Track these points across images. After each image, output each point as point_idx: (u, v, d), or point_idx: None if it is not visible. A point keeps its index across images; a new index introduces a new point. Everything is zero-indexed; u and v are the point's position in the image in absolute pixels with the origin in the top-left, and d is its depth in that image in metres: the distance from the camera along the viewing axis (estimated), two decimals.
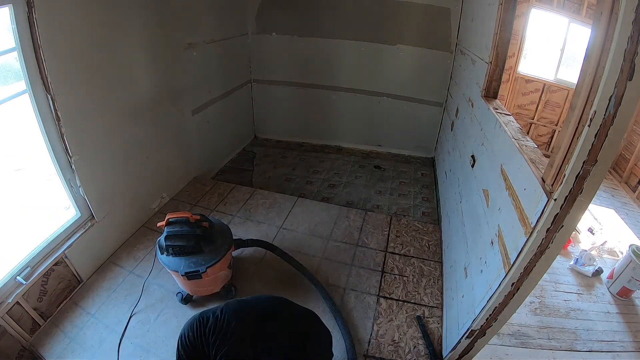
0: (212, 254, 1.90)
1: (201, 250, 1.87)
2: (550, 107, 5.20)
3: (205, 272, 1.87)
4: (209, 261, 1.88)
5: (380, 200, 3.42)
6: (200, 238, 1.87)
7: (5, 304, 1.80)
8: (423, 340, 2.03)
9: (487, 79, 2.20)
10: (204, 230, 1.89)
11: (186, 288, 2.04)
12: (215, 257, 1.90)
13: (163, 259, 1.88)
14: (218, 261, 1.91)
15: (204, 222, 1.91)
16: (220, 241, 1.97)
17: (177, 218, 1.85)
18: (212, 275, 1.93)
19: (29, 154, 2.10)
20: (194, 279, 1.88)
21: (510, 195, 1.48)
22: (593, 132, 0.94)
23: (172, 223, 1.85)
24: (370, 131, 4.37)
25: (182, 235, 1.83)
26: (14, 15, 1.65)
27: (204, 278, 1.89)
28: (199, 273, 1.85)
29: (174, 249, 1.84)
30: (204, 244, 1.88)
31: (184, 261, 1.85)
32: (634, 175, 4.33)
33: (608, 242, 3.19)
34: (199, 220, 1.89)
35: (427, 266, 2.58)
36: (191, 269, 1.84)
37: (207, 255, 1.88)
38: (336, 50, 3.90)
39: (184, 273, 1.84)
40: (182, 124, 3.09)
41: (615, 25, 0.87)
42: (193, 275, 1.86)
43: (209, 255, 1.89)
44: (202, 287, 2.01)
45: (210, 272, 1.90)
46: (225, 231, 2.08)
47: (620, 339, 2.27)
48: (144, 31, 2.47)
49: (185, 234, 1.83)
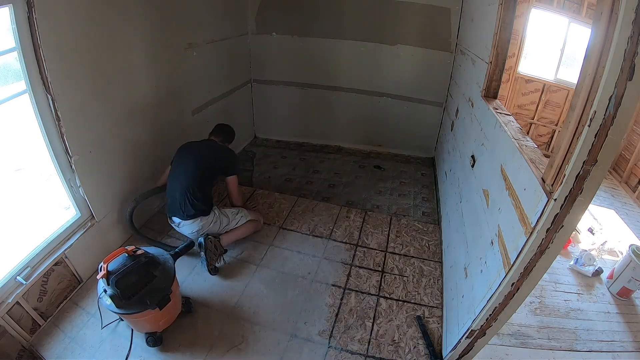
0: (165, 274, 1.84)
1: (154, 276, 1.79)
2: (550, 107, 5.20)
3: (171, 292, 1.81)
4: (167, 281, 1.81)
5: (380, 200, 3.42)
6: (148, 264, 1.79)
7: (5, 304, 1.80)
8: (423, 340, 2.03)
9: (487, 79, 2.20)
10: (146, 256, 1.81)
11: (154, 326, 1.88)
12: (170, 275, 1.85)
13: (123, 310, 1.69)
14: (174, 276, 1.87)
15: (137, 250, 1.82)
16: (163, 258, 1.92)
17: (114, 260, 1.72)
18: (175, 292, 1.88)
19: (29, 154, 2.10)
20: (166, 304, 1.78)
21: (510, 195, 1.48)
22: (593, 132, 0.94)
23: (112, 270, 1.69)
24: (370, 131, 4.37)
25: (130, 271, 1.70)
26: (14, 15, 1.65)
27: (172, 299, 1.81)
28: (167, 296, 1.78)
29: (131, 290, 1.69)
30: (153, 269, 1.81)
31: (145, 297, 1.71)
32: (634, 175, 4.33)
33: (608, 242, 3.19)
34: (134, 251, 1.80)
35: (427, 266, 2.58)
36: (158, 296, 1.74)
37: (161, 278, 1.81)
38: (336, 50, 3.90)
39: (156, 304, 1.72)
40: (182, 123, 3.09)
41: (615, 25, 0.87)
42: (164, 301, 1.76)
43: (163, 276, 1.82)
44: (169, 312, 1.90)
45: (174, 289, 1.85)
46: (157, 250, 2.00)
47: (620, 339, 2.27)
48: (144, 31, 2.47)
49: (132, 269, 1.71)
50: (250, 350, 1.95)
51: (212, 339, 1.99)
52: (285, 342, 2.00)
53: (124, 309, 1.68)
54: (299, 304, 2.24)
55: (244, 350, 1.95)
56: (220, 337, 2.01)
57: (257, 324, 2.10)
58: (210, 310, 2.17)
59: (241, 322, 2.10)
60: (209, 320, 2.11)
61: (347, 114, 4.30)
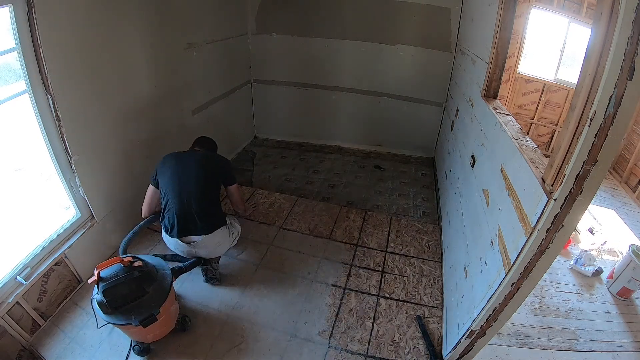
0: (158, 292, 1.76)
1: (145, 292, 1.71)
2: (550, 107, 5.19)
3: (159, 313, 1.71)
4: (158, 300, 1.73)
5: (380, 200, 3.42)
6: (140, 280, 1.71)
7: (5, 304, 1.80)
8: (423, 340, 2.03)
9: (487, 79, 2.20)
10: (141, 270, 1.72)
11: (141, 337, 1.84)
12: (162, 294, 1.76)
13: (108, 317, 1.66)
14: (167, 296, 1.77)
15: (135, 261, 1.75)
16: (160, 275, 1.83)
17: (108, 268, 1.67)
18: (165, 314, 1.78)
19: (29, 154, 2.10)
20: (150, 323, 1.70)
21: (510, 195, 1.48)
22: (593, 132, 0.94)
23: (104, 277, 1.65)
24: (370, 131, 4.37)
25: (121, 283, 1.64)
26: (14, 15, 1.65)
27: (159, 319, 1.73)
28: (153, 316, 1.69)
29: (118, 301, 1.64)
30: (145, 285, 1.73)
31: (132, 311, 1.66)
32: (634, 175, 4.33)
33: (608, 242, 3.19)
34: (131, 262, 1.73)
35: (427, 266, 2.58)
36: (144, 314, 1.66)
37: (153, 296, 1.73)
38: (336, 50, 3.90)
39: (139, 322, 1.65)
40: (182, 123, 3.09)
41: (615, 25, 0.87)
42: (149, 321, 1.68)
43: (155, 294, 1.74)
44: (158, 329, 1.84)
45: (163, 311, 1.75)
46: (159, 263, 1.92)
47: (620, 339, 2.27)
48: (144, 31, 2.47)
49: (123, 281, 1.65)
50: (250, 350, 1.95)
51: (212, 339, 1.99)
52: (285, 342, 2.00)
53: (110, 317, 1.65)
54: (299, 304, 2.24)
55: (244, 350, 1.95)
56: (220, 337, 2.01)
57: (257, 324, 2.10)
58: (210, 310, 2.17)
59: (241, 322, 2.10)
60: (209, 320, 2.11)
61: (347, 114, 4.30)
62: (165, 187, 2.10)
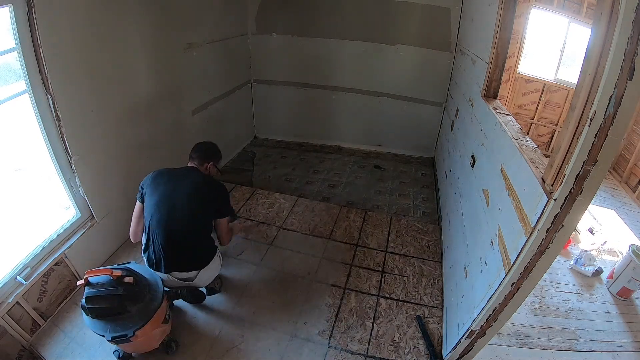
0: (140, 314, 1.67)
1: (126, 311, 1.64)
2: (550, 107, 5.19)
3: (134, 336, 1.63)
4: (137, 323, 1.64)
5: (380, 200, 3.42)
6: (124, 298, 1.63)
7: (5, 304, 1.80)
8: (423, 340, 2.03)
9: (487, 79, 2.20)
10: (128, 289, 1.65)
11: (120, 347, 1.81)
12: (143, 318, 1.67)
13: (87, 321, 1.64)
14: (147, 322, 1.67)
15: (126, 277, 1.67)
16: (149, 297, 1.72)
17: (97, 277, 1.63)
18: (142, 337, 1.69)
19: (29, 154, 2.10)
20: (123, 343, 1.65)
21: (510, 195, 1.48)
22: (593, 132, 0.94)
23: (91, 283, 1.62)
24: (370, 131, 4.37)
25: (103, 296, 1.60)
26: (14, 15, 1.65)
27: (133, 341, 1.66)
28: (126, 337, 1.61)
29: (96, 312, 1.61)
30: (129, 304, 1.64)
31: (109, 324, 1.62)
32: (634, 175, 4.33)
33: (608, 242, 3.19)
34: (120, 277, 1.65)
35: (427, 266, 2.58)
36: (117, 332, 1.60)
37: (134, 316, 1.65)
38: (336, 50, 3.90)
39: (110, 338, 1.60)
40: (182, 123, 3.09)
41: (615, 25, 0.87)
42: (120, 340, 1.63)
43: (137, 316, 1.66)
44: (133, 347, 1.80)
45: (141, 334, 1.66)
46: (155, 284, 1.80)
47: (620, 339, 2.27)
48: (144, 31, 2.47)
49: (106, 294, 1.60)
50: (250, 350, 1.95)
51: (212, 339, 1.99)
52: (285, 342, 2.00)
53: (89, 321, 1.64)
54: (299, 304, 2.24)
55: (244, 350, 1.95)
56: (220, 337, 2.01)
57: (257, 324, 2.09)
58: (210, 310, 2.17)
59: (241, 322, 2.10)
60: (209, 319, 2.11)
61: (347, 114, 4.30)
62: (150, 213, 1.86)
